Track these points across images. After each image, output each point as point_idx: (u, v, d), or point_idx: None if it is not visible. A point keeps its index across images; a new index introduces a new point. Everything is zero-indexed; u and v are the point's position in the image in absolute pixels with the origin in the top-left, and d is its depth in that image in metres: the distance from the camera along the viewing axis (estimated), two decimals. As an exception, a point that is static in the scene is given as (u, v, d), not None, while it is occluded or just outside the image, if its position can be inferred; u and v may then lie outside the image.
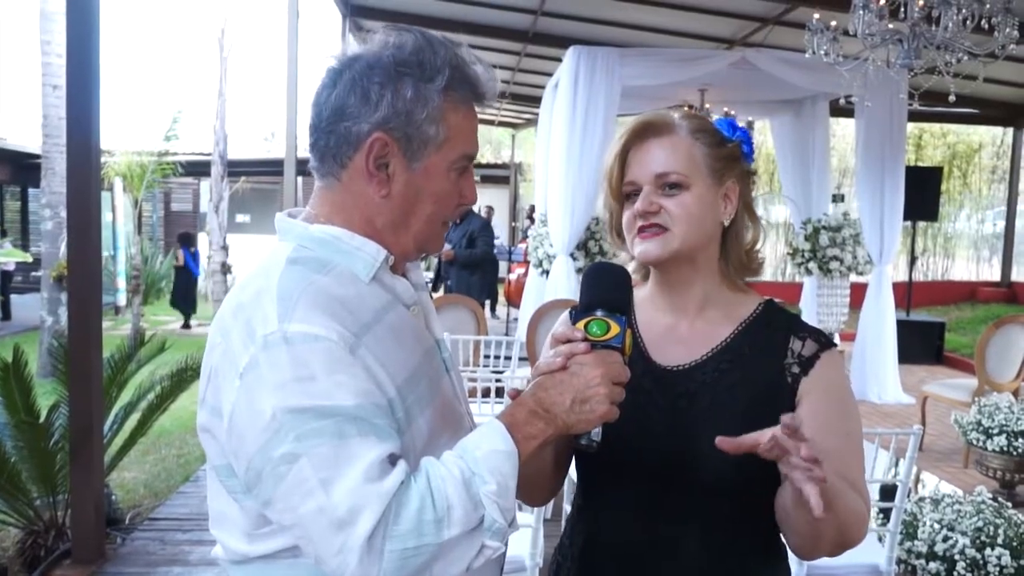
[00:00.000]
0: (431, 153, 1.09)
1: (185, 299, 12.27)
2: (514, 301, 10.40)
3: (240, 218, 17.45)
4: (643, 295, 1.36)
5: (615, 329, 1.08)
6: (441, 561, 0.95)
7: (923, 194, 8.45)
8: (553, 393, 1.04)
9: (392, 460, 0.96)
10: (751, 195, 1.32)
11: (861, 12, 4.60)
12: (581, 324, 1.10)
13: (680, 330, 1.30)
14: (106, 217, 12.55)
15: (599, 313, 1.10)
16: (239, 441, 0.99)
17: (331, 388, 0.95)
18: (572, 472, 1.39)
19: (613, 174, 1.28)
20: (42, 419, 3.76)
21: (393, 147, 1.08)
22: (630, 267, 1.36)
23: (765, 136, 13.71)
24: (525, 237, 10.44)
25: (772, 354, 1.25)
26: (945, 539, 3.06)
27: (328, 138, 1.10)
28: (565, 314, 1.34)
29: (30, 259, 13.03)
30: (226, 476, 1.06)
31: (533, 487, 1.32)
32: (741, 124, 1.36)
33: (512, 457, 0.99)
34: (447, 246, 7.51)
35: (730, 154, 1.28)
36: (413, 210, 1.11)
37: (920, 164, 13.48)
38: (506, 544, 1.01)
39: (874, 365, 7.16)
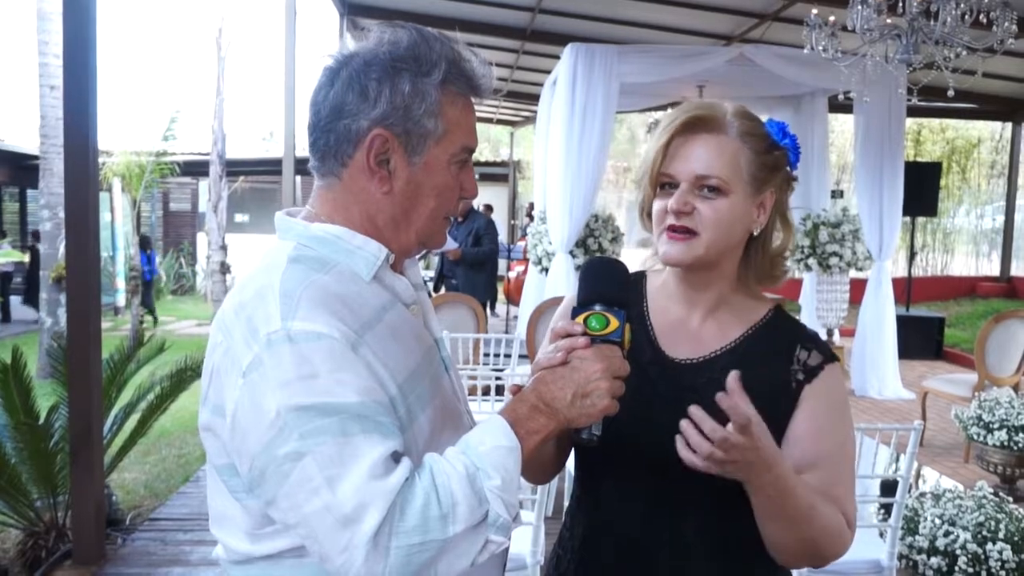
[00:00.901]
0: (431, 147, 1.09)
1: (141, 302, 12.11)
2: (513, 299, 10.40)
3: (239, 218, 17.44)
4: (659, 283, 1.35)
5: (614, 323, 1.09)
6: (446, 557, 0.95)
7: (922, 189, 8.45)
8: (554, 388, 1.05)
9: (396, 457, 0.96)
10: (787, 203, 1.30)
11: (859, 7, 4.60)
12: (580, 319, 1.10)
13: (691, 325, 1.30)
14: (104, 218, 12.52)
15: (598, 308, 1.10)
16: (242, 440, 0.99)
17: (334, 386, 0.95)
18: (570, 465, 1.39)
19: (657, 163, 1.24)
20: (42, 420, 3.76)
21: (393, 143, 1.08)
22: (652, 257, 1.34)
23: (764, 132, 13.70)
24: (524, 235, 10.43)
25: (779, 359, 1.26)
26: (946, 534, 3.06)
27: (328, 137, 1.10)
28: (563, 304, 1.34)
29: (26, 258, 13.04)
30: (228, 475, 1.06)
31: (535, 471, 1.34)
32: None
33: (515, 452, 1.00)
34: (454, 245, 7.50)
35: (775, 163, 1.25)
36: (415, 205, 1.11)
37: (919, 159, 13.48)
38: (509, 539, 1.01)
39: (874, 361, 7.16)
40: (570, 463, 1.38)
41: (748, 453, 1.08)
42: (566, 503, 3.31)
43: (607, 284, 1.14)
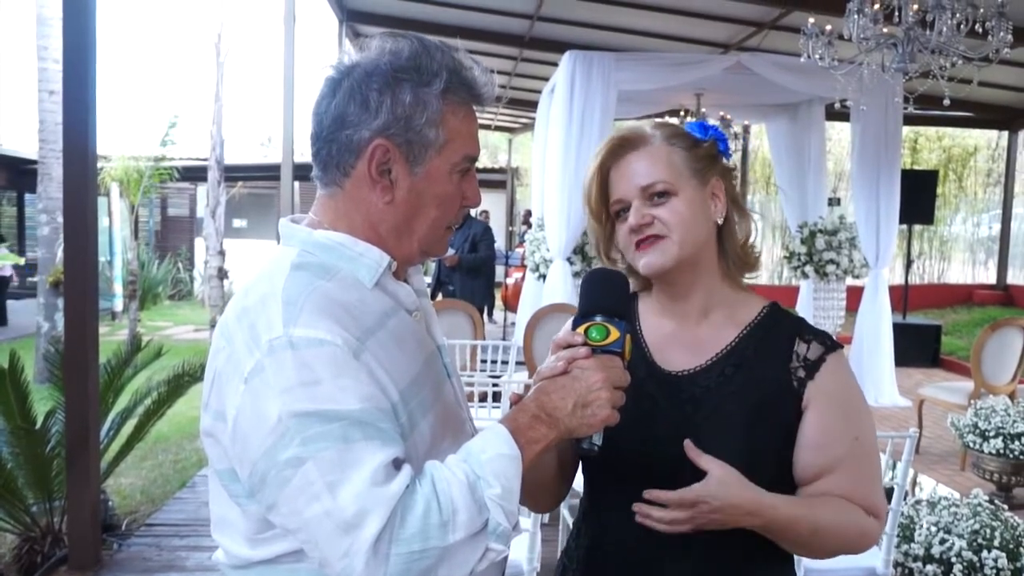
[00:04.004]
0: (432, 157, 1.10)
1: None
2: (511, 305, 10.40)
3: (237, 223, 17.39)
4: (647, 301, 1.37)
5: (615, 334, 1.10)
6: (446, 564, 0.95)
7: (919, 197, 8.47)
8: (555, 397, 1.05)
9: (397, 464, 0.97)
10: (736, 190, 1.34)
11: (856, 16, 4.62)
12: (581, 329, 1.11)
13: (685, 335, 1.30)
14: (103, 222, 12.52)
15: (599, 318, 1.11)
16: (243, 445, 0.99)
17: (336, 392, 0.96)
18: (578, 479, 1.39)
19: (592, 194, 1.29)
20: (39, 425, 3.75)
21: (395, 153, 1.08)
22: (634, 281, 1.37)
23: (761, 140, 13.74)
24: (522, 242, 10.44)
25: (778, 358, 1.25)
26: (942, 542, 3.07)
27: (330, 147, 1.10)
28: (569, 322, 1.35)
29: (22, 261, 13.01)
30: (229, 480, 1.06)
31: (537, 493, 1.33)
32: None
33: (516, 461, 1.00)
34: (450, 251, 7.52)
35: (707, 153, 1.29)
36: (417, 215, 1.12)
37: (916, 167, 13.50)
38: (508, 547, 1.02)
39: (871, 368, 7.17)
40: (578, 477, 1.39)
41: (712, 515, 1.13)
42: (563, 510, 3.32)
43: (607, 295, 1.15)
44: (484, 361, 5.00)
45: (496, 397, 4.17)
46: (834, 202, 7.93)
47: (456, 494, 0.96)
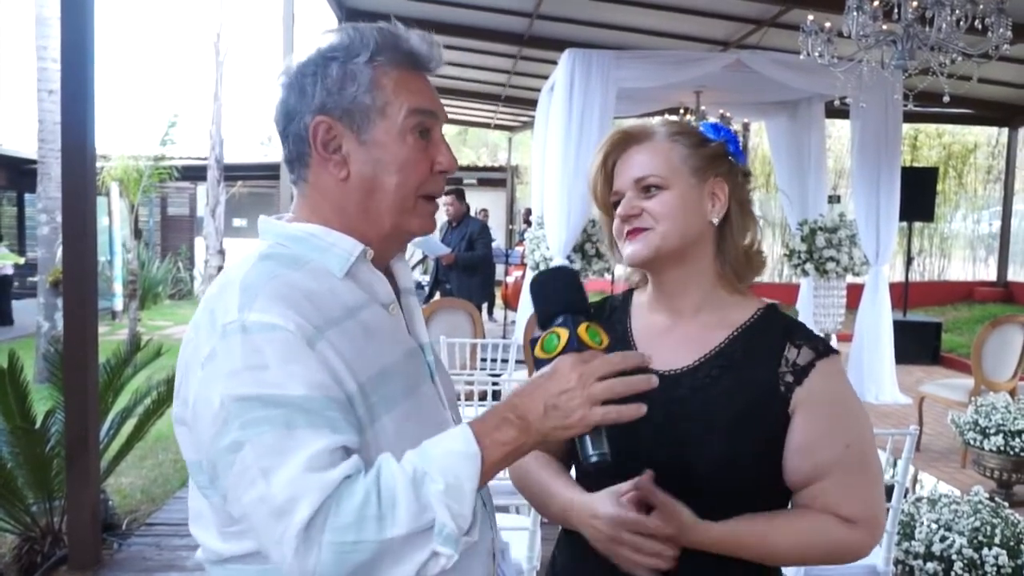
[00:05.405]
0: (376, 121, 1.09)
1: None
2: (511, 304, 10.41)
3: (237, 222, 17.39)
4: (641, 298, 1.36)
5: (563, 335, 1.04)
6: (385, 562, 0.91)
7: (919, 194, 8.46)
8: (527, 399, 1.00)
9: (346, 453, 0.95)
10: (745, 194, 1.31)
11: (855, 13, 4.61)
12: (538, 348, 1.05)
13: (674, 334, 1.30)
14: (102, 222, 12.51)
15: (554, 325, 1.06)
16: (199, 432, 0.99)
17: (283, 378, 0.94)
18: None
19: (597, 185, 1.32)
20: (38, 425, 3.75)
21: (337, 127, 1.09)
22: (624, 272, 1.38)
23: (761, 138, 13.72)
24: (522, 240, 10.43)
25: (767, 361, 1.24)
26: (942, 539, 3.06)
27: (287, 144, 1.13)
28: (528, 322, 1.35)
29: (22, 261, 13.02)
30: (196, 471, 1.06)
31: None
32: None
33: (471, 460, 0.95)
34: (447, 250, 7.51)
35: (713, 153, 1.28)
36: (378, 184, 1.10)
37: (916, 165, 13.49)
38: (457, 552, 0.95)
39: (871, 366, 7.16)
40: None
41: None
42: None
43: (549, 300, 1.10)
44: (484, 360, 4.99)
45: (496, 396, 4.16)
46: (834, 199, 7.91)
47: (399, 487, 0.92)
